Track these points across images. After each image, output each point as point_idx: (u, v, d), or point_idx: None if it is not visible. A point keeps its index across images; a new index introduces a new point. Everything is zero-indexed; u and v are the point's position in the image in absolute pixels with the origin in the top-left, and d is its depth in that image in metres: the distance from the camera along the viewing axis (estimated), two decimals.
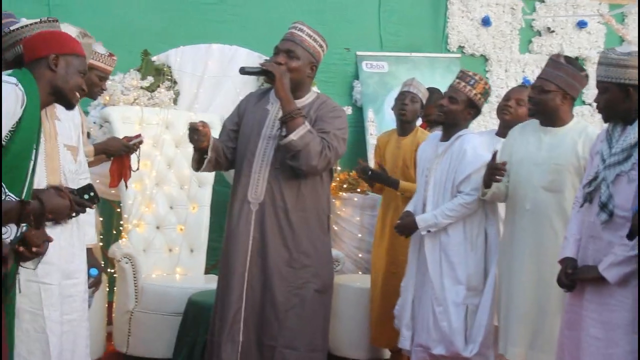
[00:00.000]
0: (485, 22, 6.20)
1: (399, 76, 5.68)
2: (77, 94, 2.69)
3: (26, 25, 2.66)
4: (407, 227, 3.61)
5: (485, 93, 3.65)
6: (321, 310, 3.26)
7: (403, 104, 4.32)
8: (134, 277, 4.26)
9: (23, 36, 2.64)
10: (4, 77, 2.31)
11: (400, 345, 3.74)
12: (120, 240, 4.48)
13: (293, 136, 3.03)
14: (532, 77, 6.15)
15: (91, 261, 3.07)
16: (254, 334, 3.18)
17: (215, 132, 3.42)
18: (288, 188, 3.17)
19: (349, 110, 5.45)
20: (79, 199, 2.65)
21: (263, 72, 3.10)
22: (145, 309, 4.24)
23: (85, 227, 2.98)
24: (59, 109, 2.85)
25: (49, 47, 2.47)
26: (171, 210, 4.71)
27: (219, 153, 3.27)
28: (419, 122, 4.63)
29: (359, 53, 5.90)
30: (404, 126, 4.38)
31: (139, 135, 3.94)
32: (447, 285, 3.51)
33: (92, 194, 2.73)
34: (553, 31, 6.33)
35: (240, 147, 3.27)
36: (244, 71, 3.09)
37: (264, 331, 3.17)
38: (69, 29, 3.00)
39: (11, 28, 2.70)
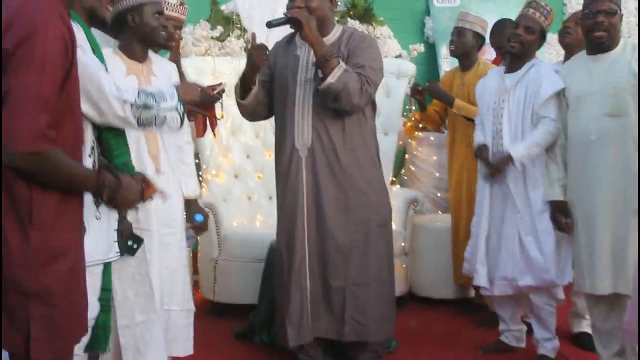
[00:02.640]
0: None
1: (472, 9, 5.47)
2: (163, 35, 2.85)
3: None
4: (503, 164, 3.50)
5: (550, 24, 3.64)
6: (384, 244, 3.28)
7: (450, 40, 4.35)
8: (216, 227, 4.33)
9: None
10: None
11: (475, 282, 3.71)
12: (200, 191, 4.55)
13: (330, 79, 3.00)
14: None
15: (196, 208, 3.16)
16: (320, 279, 3.22)
17: None
18: (334, 129, 3.16)
19: (421, 47, 5.33)
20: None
21: (289, 20, 3.05)
22: (229, 257, 4.33)
23: (187, 178, 3.07)
24: (155, 63, 2.92)
25: None
26: (248, 159, 4.76)
27: (261, 94, 3.25)
28: (491, 55, 4.51)
29: None
30: (462, 61, 4.37)
31: (221, 84, 3.92)
32: (537, 214, 3.45)
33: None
34: None
35: (278, 97, 3.27)
36: (270, 25, 3.05)
37: (330, 274, 3.20)
38: None
39: None
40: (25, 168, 1.74)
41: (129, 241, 2.45)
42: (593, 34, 3.21)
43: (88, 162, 2.08)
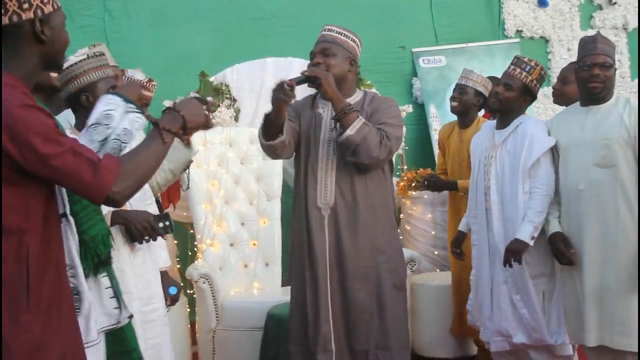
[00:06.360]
0: (542, 2, 6.05)
1: (457, 69, 5.57)
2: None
3: (75, 63, 2.71)
4: (518, 251, 3.36)
5: (541, 79, 3.58)
6: (402, 306, 3.22)
7: (451, 97, 4.39)
8: (213, 296, 4.30)
9: (73, 74, 2.70)
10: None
11: (482, 337, 3.66)
12: (196, 261, 4.54)
13: (349, 131, 3.01)
14: None
15: (168, 281, 3.13)
16: (344, 341, 3.16)
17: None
18: (357, 187, 3.15)
19: (409, 108, 5.40)
20: (156, 225, 2.72)
21: (307, 79, 3.07)
22: (227, 327, 4.28)
23: (157, 250, 3.04)
24: None
25: None
26: (242, 227, 4.75)
27: (289, 138, 3.18)
28: (481, 112, 4.55)
29: (414, 50, 5.85)
30: (461, 118, 4.39)
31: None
32: (524, 273, 3.42)
33: (167, 222, 2.79)
34: (615, 2, 6.11)
35: (302, 155, 3.27)
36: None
37: (353, 336, 3.14)
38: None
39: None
40: (128, 193, 1.83)
41: (160, 223, 2.47)
42: (588, 85, 3.23)
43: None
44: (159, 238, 3.01)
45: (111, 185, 1.78)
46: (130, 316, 2.51)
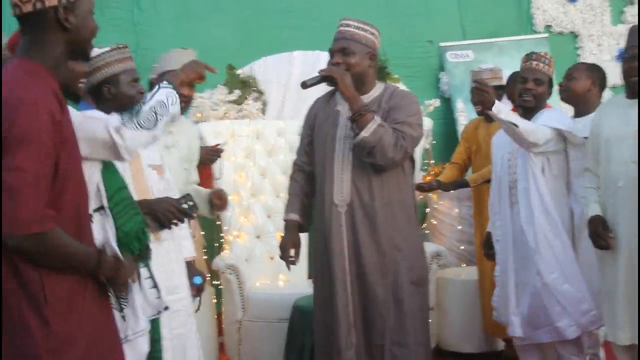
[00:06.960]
0: None
1: (485, 63, 5.54)
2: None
3: (98, 55, 2.70)
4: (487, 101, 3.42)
5: (553, 70, 3.68)
6: (419, 303, 3.21)
7: (473, 102, 4.34)
8: (239, 287, 4.32)
9: (96, 66, 2.70)
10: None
11: (511, 333, 3.63)
12: (222, 252, 4.57)
13: (364, 133, 3.00)
14: None
15: (193, 271, 3.15)
16: (363, 337, 3.17)
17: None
18: (373, 184, 3.14)
19: (436, 102, 5.38)
20: (181, 207, 2.74)
21: (323, 78, 3.05)
22: (253, 318, 4.30)
23: (182, 241, 3.06)
24: None
25: None
26: (269, 219, 4.77)
27: (307, 206, 3.38)
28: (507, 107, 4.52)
29: (442, 44, 5.81)
30: (486, 115, 4.37)
31: (218, 145, 3.93)
32: (566, 247, 3.47)
33: (190, 202, 2.81)
34: None
35: (319, 153, 3.26)
36: (305, 85, 3.03)
37: (370, 332, 3.15)
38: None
39: None
40: (30, 250, 1.72)
41: (184, 205, 2.60)
42: (627, 79, 3.18)
43: (96, 217, 2.08)
44: (185, 229, 3.04)
45: (35, 231, 1.70)
46: (166, 307, 2.52)
